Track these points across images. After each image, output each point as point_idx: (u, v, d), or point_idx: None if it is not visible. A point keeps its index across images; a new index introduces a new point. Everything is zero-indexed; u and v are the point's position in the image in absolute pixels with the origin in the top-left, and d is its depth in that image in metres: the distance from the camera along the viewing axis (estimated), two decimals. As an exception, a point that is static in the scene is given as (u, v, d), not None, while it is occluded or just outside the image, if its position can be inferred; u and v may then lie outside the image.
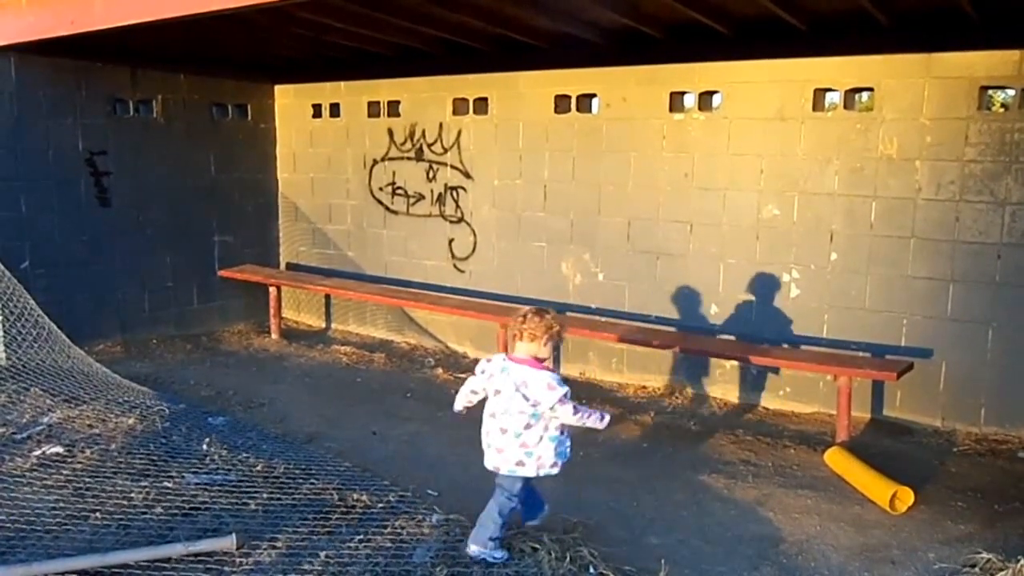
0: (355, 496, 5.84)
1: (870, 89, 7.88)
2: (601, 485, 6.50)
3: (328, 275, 11.68)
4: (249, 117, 11.89)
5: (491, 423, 5.12)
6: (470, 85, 10.18)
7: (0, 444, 6.61)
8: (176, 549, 5.02)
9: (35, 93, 9.61)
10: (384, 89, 10.98)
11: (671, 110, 8.82)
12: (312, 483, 6.11)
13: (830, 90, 8.10)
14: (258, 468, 6.37)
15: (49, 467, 6.18)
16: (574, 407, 4.98)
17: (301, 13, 7.83)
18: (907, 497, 6.03)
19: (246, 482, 6.10)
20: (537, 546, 5.16)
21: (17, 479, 5.95)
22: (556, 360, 9.81)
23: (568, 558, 5.04)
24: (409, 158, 10.87)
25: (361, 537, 5.28)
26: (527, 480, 5.12)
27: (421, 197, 10.84)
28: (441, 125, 10.51)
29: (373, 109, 11.16)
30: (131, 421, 7.18)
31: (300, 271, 12.18)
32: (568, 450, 5.15)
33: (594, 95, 9.39)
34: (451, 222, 10.61)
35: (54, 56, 9.48)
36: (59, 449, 6.51)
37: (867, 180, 7.85)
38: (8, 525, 5.32)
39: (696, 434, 7.78)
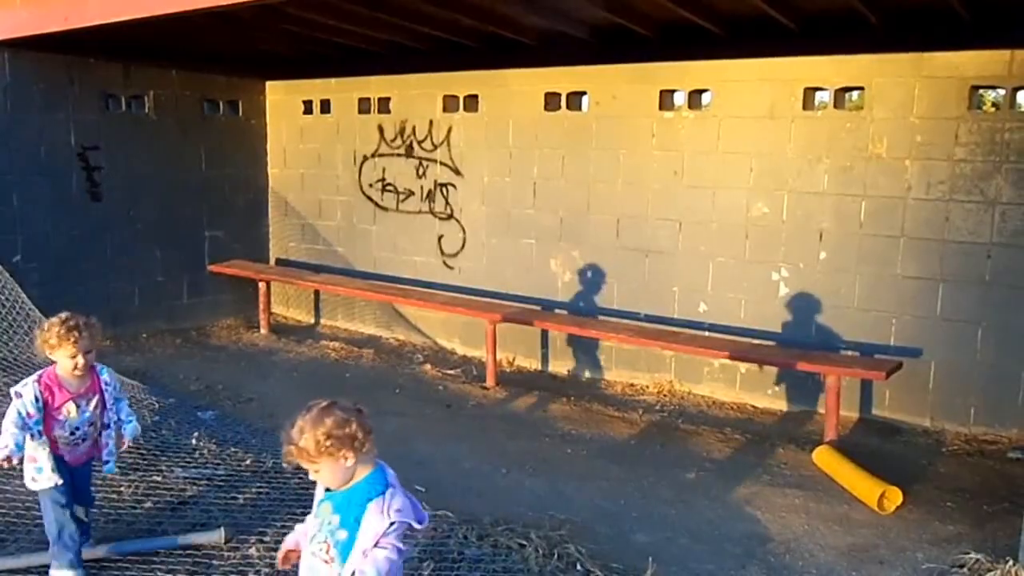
0: (344, 491, 5.84)
1: (860, 88, 7.89)
2: (588, 483, 6.51)
3: (317, 271, 11.67)
4: (240, 113, 11.88)
5: None
6: (460, 82, 10.17)
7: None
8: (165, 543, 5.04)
9: (28, 88, 9.61)
10: (374, 86, 10.98)
11: (661, 108, 8.83)
12: (300, 478, 6.07)
13: (820, 89, 8.12)
14: (247, 462, 6.39)
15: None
16: None
17: (291, 10, 7.82)
18: (895, 497, 6.05)
19: (235, 476, 6.13)
20: (524, 543, 5.17)
21: (7, 472, 5.91)
22: (544, 358, 9.84)
23: (555, 555, 5.06)
24: (399, 155, 10.86)
25: (349, 532, 5.28)
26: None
27: (411, 193, 10.83)
28: (431, 122, 10.50)
29: (363, 106, 11.16)
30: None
31: (290, 266, 12.15)
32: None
33: (584, 93, 9.39)
34: (440, 219, 10.61)
35: (47, 51, 9.49)
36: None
37: (857, 179, 7.86)
38: (-2, 518, 5.33)
39: (684, 432, 7.79)
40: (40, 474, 4.59)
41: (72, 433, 4.69)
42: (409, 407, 8.33)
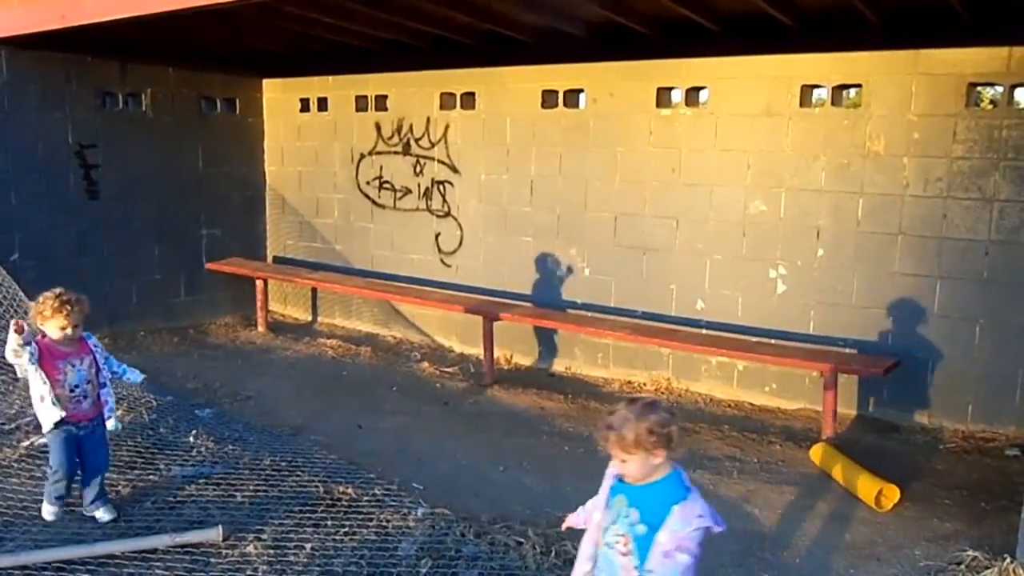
0: (341, 489, 5.84)
1: (858, 85, 7.89)
2: (586, 480, 6.44)
3: (315, 268, 11.65)
4: (237, 111, 11.86)
5: None
6: (457, 80, 10.16)
7: (-12, 435, 6.61)
8: (163, 540, 5.04)
9: (25, 86, 9.60)
10: (372, 83, 10.97)
11: (658, 105, 8.82)
12: (298, 476, 6.11)
13: (817, 86, 8.12)
14: (244, 460, 6.38)
15: (37, 458, 6.15)
16: None
17: (288, 8, 7.82)
18: (893, 494, 6.05)
19: (232, 474, 6.11)
20: (521, 540, 5.18)
21: (5, 469, 5.96)
22: (541, 356, 9.83)
23: (553, 552, 5.06)
24: (396, 152, 10.85)
25: (347, 530, 5.29)
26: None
27: (408, 191, 10.83)
28: (428, 120, 10.49)
29: (360, 103, 11.15)
30: (118, 413, 7.16)
31: (287, 264, 12.15)
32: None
33: (581, 90, 9.37)
34: (438, 216, 10.60)
35: (44, 50, 9.48)
36: (47, 440, 6.49)
37: (854, 176, 7.86)
38: (-4, 516, 5.33)
39: (681, 430, 7.75)
40: (50, 411, 5.12)
41: (72, 391, 5.19)
42: (406, 405, 8.33)
